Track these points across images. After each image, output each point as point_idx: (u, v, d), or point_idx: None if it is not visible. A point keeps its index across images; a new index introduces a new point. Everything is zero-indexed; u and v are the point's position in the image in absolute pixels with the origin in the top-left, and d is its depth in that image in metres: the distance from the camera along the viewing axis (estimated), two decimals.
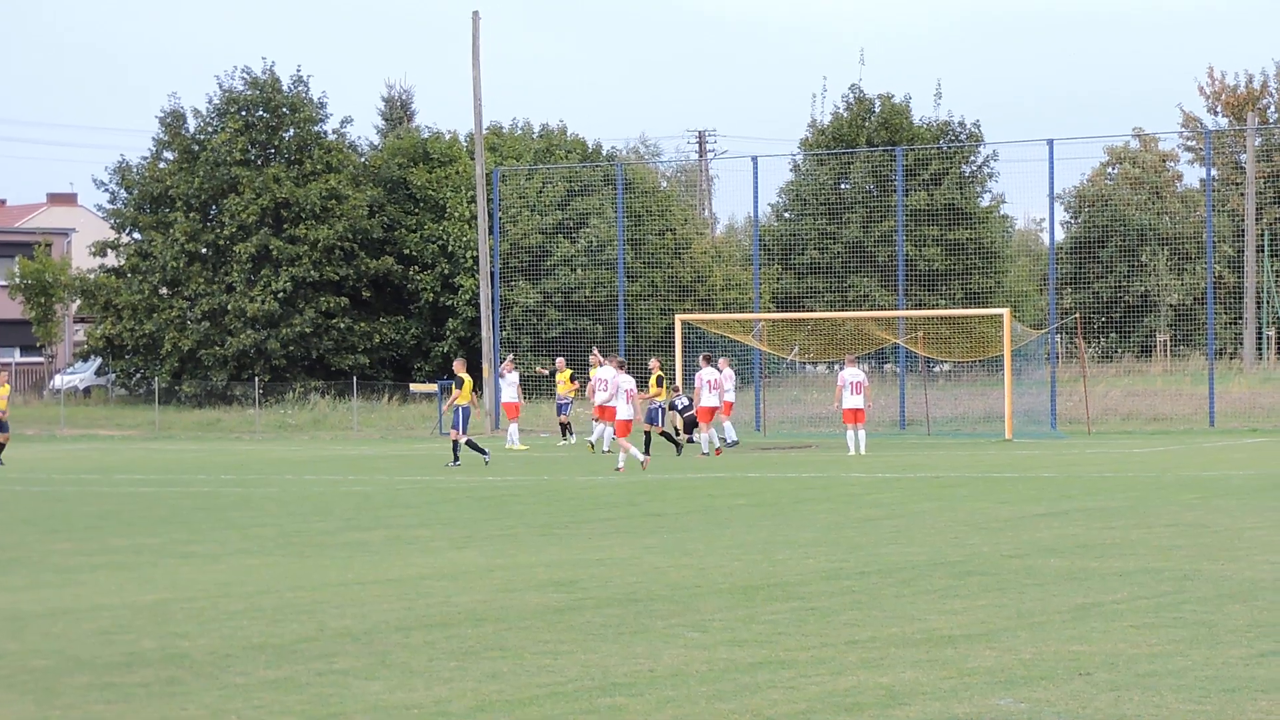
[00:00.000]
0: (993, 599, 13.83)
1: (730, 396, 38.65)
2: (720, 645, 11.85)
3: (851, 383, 35.64)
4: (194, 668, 11.39)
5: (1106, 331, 65.22)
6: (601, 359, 38.09)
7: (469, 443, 33.28)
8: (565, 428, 41.29)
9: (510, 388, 41.42)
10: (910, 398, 47.35)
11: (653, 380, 36.80)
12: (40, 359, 72.32)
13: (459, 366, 33.91)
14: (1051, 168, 45.67)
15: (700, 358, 37.49)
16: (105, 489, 29.22)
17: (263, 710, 10.03)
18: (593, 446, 38.05)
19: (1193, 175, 76.40)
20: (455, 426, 33.27)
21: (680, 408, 37.49)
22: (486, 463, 32.96)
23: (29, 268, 66.45)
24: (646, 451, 33.99)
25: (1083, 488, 25.38)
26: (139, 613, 13.92)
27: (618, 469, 30.98)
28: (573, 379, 42.16)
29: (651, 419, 35.37)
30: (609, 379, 33.11)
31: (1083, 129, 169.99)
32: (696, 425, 37.70)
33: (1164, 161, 73.70)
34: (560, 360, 42.58)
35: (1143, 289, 65.33)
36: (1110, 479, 27.15)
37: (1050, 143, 45.75)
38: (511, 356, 44.35)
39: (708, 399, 36.27)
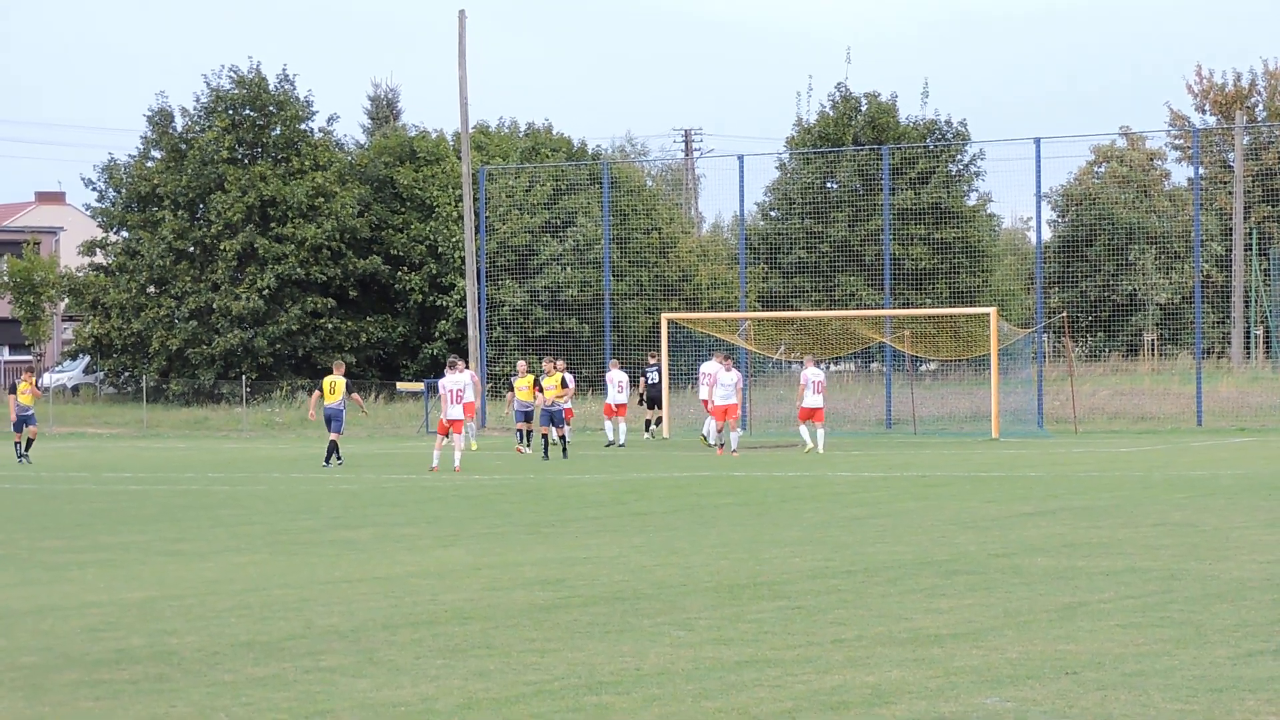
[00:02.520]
0: (979, 598, 13.85)
1: (623, 398, 40.20)
2: (706, 644, 11.86)
3: (814, 382, 36.19)
4: (182, 665, 11.40)
5: (1094, 330, 65.31)
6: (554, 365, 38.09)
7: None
8: (525, 435, 38.87)
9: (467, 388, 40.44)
10: (896, 397, 47.39)
11: (556, 380, 36.76)
12: (29, 357, 72.23)
13: (338, 369, 34.79)
14: (1038, 166, 45.74)
15: (718, 358, 37.70)
16: (94, 487, 29.20)
17: (250, 707, 10.04)
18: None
19: (1180, 174, 76.50)
20: (338, 429, 34.01)
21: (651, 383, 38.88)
22: (325, 465, 33.14)
23: (17, 266, 66.38)
24: (546, 454, 34.40)
25: (1070, 487, 25.42)
26: (127, 610, 13.93)
27: (455, 469, 31.00)
28: (536, 383, 40.60)
29: (550, 420, 35.77)
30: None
31: (1069, 127, 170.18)
32: (658, 404, 40.87)
33: (1151, 160, 73.74)
34: (522, 364, 41.48)
35: (1130, 288, 65.41)
36: (1097, 478, 27.19)
37: (1037, 141, 45.82)
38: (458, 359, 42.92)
39: (721, 398, 36.54)
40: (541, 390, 36.44)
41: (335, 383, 34.41)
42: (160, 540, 19.79)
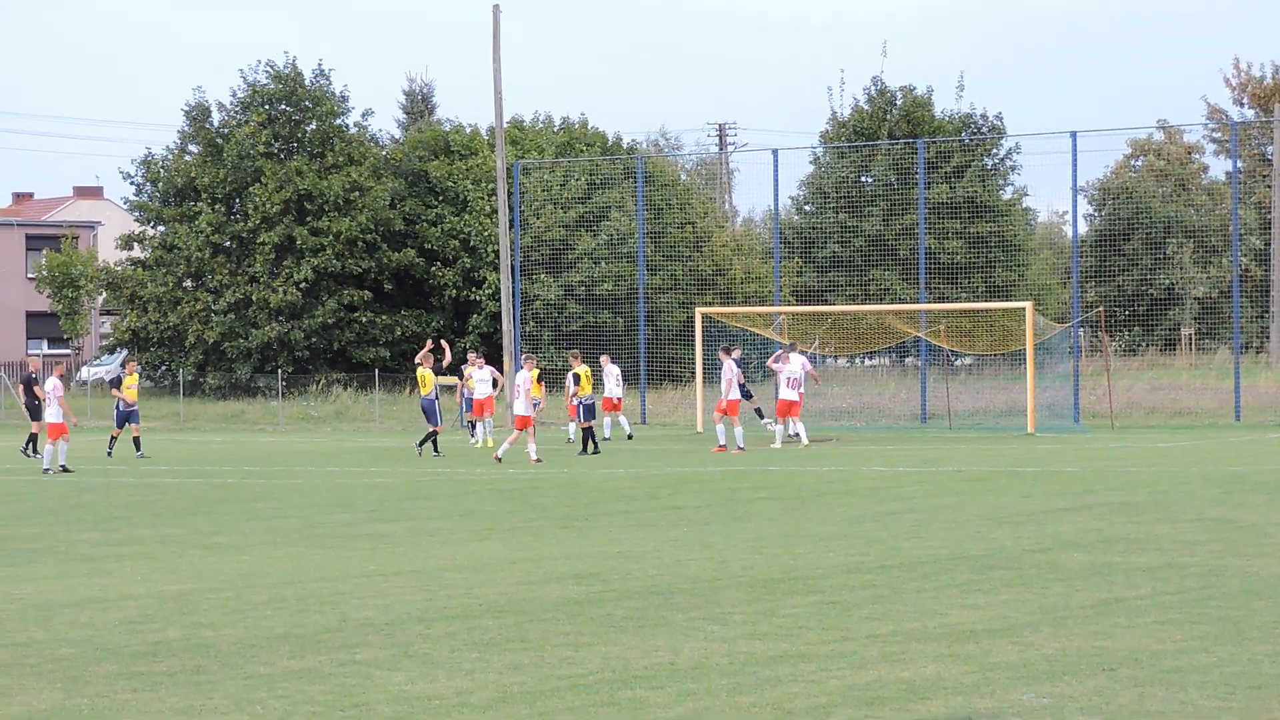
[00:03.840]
0: (1015, 593, 13.81)
1: (620, 392, 40.48)
2: (740, 638, 11.86)
3: (790, 378, 36.25)
4: (219, 657, 11.45)
5: (1130, 325, 65.02)
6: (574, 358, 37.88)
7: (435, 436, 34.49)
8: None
9: (482, 384, 39.95)
10: (931, 391, 47.28)
11: (583, 376, 36.61)
12: (67, 351, 72.63)
13: (426, 362, 35.03)
14: (1075, 160, 45.51)
15: (720, 350, 37.49)
16: (131, 480, 29.35)
17: (286, 700, 10.08)
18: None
19: (1218, 167, 76.16)
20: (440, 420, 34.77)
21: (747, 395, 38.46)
22: (436, 455, 33.98)
23: (56, 260, 66.75)
24: (586, 449, 34.07)
25: (1106, 482, 25.32)
26: (164, 602, 14.00)
27: (497, 457, 31.68)
28: (540, 379, 39.97)
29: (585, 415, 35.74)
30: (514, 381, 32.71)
31: (1106, 121, 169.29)
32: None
33: (1189, 154, 73.41)
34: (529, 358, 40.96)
35: (1167, 282, 65.10)
36: (1134, 473, 27.07)
37: (1073, 135, 45.59)
38: (476, 353, 42.32)
39: (732, 392, 36.37)
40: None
41: (424, 376, 34.10)
42: (197, 533, 19.89)
